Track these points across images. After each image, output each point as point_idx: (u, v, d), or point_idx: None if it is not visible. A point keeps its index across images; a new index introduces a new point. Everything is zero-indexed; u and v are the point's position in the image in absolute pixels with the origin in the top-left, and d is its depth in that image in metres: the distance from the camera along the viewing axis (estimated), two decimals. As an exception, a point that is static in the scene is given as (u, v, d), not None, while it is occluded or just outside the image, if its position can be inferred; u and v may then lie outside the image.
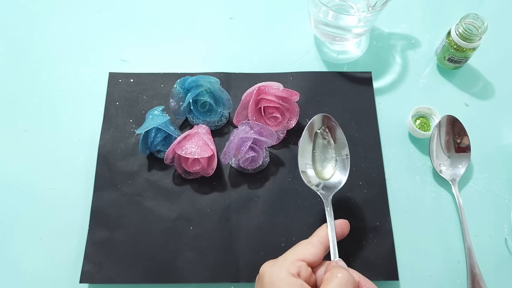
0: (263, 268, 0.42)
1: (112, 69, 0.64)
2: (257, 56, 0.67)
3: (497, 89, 0.64)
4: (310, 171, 0.51)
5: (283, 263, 0.41)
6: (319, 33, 0.67)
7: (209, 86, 0.57)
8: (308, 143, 0.52)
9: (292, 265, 0.41)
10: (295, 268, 0.41)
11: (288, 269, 0.40)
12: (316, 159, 0.52)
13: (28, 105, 0.63)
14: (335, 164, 0.52)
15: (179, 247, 0.54)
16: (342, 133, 0.52)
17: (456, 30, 0.59)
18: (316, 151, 0.52)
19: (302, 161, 0.51)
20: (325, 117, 0.52)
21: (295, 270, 0.40)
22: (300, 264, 0.41)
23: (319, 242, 0.44)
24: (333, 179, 0.51)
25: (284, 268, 0.41)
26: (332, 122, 0.52)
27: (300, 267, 0.41)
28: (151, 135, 0.56)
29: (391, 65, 0.66)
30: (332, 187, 0.50)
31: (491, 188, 0.58)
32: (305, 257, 0.42)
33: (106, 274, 0.52)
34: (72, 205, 0.57)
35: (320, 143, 0.52)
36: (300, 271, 0.41)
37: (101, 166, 0.58)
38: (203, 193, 0.56)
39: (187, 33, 0.69)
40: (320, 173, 0.52)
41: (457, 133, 0.58)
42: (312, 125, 0.52)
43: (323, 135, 0.52)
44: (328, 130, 0.52)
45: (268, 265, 0.42)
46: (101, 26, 0.69)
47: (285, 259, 0.42)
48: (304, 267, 0.41)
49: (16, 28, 0.69)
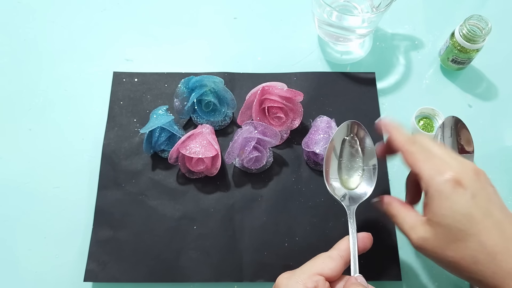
0: (279, 280, 0.41)
1: (116, 68, 0.64)
2: (260, 56, 0.67)
3: (500, 90, 0.64)
4: (335, 183, 0.49)
5: (300, 276, 0.40)
6: (322, 33, 0.67)
7: (213, 86, 0.57)
8: (335, 151, 0.49)
9: (309, 279, 0.39)
10: (312, 282, 0.39)
11: (305, 283, 0.39)
12: (343, 167, 0.50)
13: (32, 104, 0.63)
14: (362, 174, 0.49)
15: (183, 246, 0.54)
16: (371, 142, 0.49)
17: (460, 31, 0.59)
18: (343, 159, 0.50)
19: (328, 171, 0.49)
20: (354, 124, 0.50)
21: (312, 285, 0.39)
22: (317, 279, 0.40)
23: (339, 256, 0.42)
24: (359, 189, 0.48)
25: (301, 281, 0.39)
26: (362, 129, 0.49)
27: (317, 282, 0.39)
28: (155, 134, 0.56)
29: (395, 66, 0.66)
30: (357, 197, 0.48)
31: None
32: (323, 272, 0.40)
33: (110, 272, 0.52)
34: (76, 204, 0.57)
35: (348, 151, 0.50)
36: (317, 286, 0.39)
37: (105, 165, 0.58)
38: (207, 192, 0.57)
39: (191, 33, 0.69)
40: (345, 182, 0.49)
41: (460, 134, 0.59)
42: (339, 132, 0.50)
43: (351, 143, 0.50)
44: (357, 138, 0.50)
45: (285, 277, 0.41)
46: (106, 26, 0.69)
47: (302, 272, 0.40)
48: (321, 282, 0.39)
49: (20, 27, 0.69)
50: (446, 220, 0.37)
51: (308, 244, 0.54)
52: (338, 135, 0.50)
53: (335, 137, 0.50)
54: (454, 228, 0.37)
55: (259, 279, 0.52)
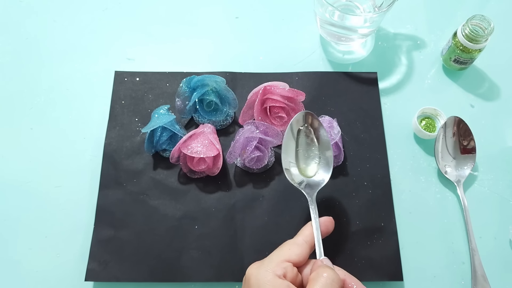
0: (249, 271, 0.42)
1: (118, 67, 0.64)
2: (262, 56, 0.67)
3: (503, 90, 0.64)
4: (293, 169, 0.51)
5: (269, 265, 0.41)
6: (324, 33, 0.67)
7: (215, 86, 0.57)
8: (291, 140, 0.51)
9: (277, 266, 0.41)
10: (281, 269, 0.41)
11: (274, 271, 0.40)
12: (300, 156, 0.52)
13: (33, 103, 0.63)
14: (319, 162, 0.51)
15: (184, 246, 0.54)
16: (325, 132, 0.51)
17: (462, 31, 0.59)
18: (299, 148, 0.52)
19: (286, 159, 0.51)
20: (308, 114, 0.51)
21: (281, 272, 0.40)
22: (285, 265, 0.41)
23: (304, 242, 0.44)
24: (317, 177, 0.51)
25: (270, 270, 0.40)
26: (316, 120, 0.51)
27: (285, 268, 0.41)
28: (157, 134, 0.56)
29: (397, 66, 0.66)
30: (316, 184, 0.50)
31: (496, 189, 0.58)
32: (290, 258, 0.42)
33: (111, 272, 0.52)
34: (78, 203, 0.57)
35: (304, 141, 0.52)
36: (286, 272, 0.41)
37: (106, 164, 0.58)
38: (208, 192, 0.56)
39: (193, 32, 0.69)
40: (303, 171, 0.51)
41: (462, 134, 0.58)
42: (295, 122, 0.51)
43: (306, 133, 0.52)
44: (311, 128, 0.52)
45: (254, 267, 0.42)
46: (107, 25, 0.69)
47: (270, 261, 0.42)
48: (290, 268, 0.41)
49: (22, 26, 0.69)
50: None
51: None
52: (293, 125, 0.51)
53: (291, 127, 0.51)
54: None
55: (261, 279, 0.52)
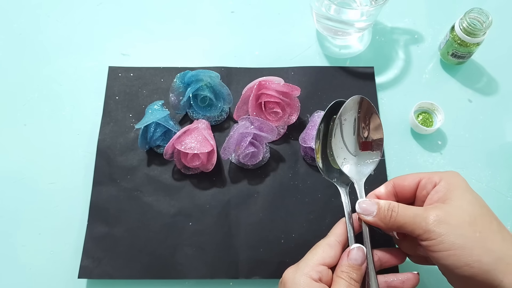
0: (286, 275, 0.42)
1: (112, 63, 0.64)
2: (258, 51, 0.66)
3: (501, 85, 0.63)
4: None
5: (305, 269, 0.41)
6: (321, 27, 0.66)
7: (209, 81, 0.57)
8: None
9: (313, 270, 0.41)
10: (316, 273, 0.41)
11: (310, 275, 0.40)
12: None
13: (27, 99, 0.62)
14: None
15: (178, 243, 0.53)
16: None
17: (460, 25, 0.58)
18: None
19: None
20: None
21: (316, 276, 0.40)
22: (321, 269, 0.41)
23: (337, 242, 0.43)
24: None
25: (305, 274, 0.41)
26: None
27: (321, 272, 0.41)
28: (151, 130, 0.55)
29: (394, 60, 0.65)
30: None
31: (494, 185, 0.57)
32: (324, 261, 0.42)
33: (105, 269, 0.52)
34: (71, 200, 0.56)
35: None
36: (321, 276, 0.41)
37: (100, 160, 0.57)
38: (202, 188, 0.56)
39: (188, 27, 0.68)
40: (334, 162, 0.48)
41: (368, 119, 0.49)
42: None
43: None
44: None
45: (290, 272, 0.42)
46: (101, 20, 0.68)
47: (305, 265, 0.42)
48: (325, 271, 0.41)
49: (15, 21, 0.68)
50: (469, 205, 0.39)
51: (304, 241, 0.53)
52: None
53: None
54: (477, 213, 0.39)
55: (255, 276, 0.52)
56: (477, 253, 0.37)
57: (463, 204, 0.38)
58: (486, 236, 0.37)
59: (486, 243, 0.37)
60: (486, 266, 0.36)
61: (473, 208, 0.38)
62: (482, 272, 0.37)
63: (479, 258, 0.37)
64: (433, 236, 0.38)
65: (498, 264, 0.36)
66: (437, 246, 0.38)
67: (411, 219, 0.39)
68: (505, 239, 0.38)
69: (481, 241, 0.37)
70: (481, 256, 0.37)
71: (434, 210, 0.39)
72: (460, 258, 0.37)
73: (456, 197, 0.39)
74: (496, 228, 0.38)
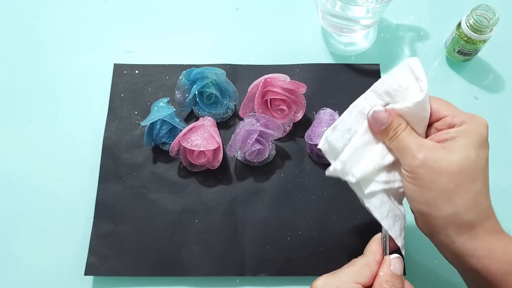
0: (317, 285, 0.40)
1: (117, 60, 0.63)
2: (263, 48, 0.66)
3: (507, 82, 0.63)
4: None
5: (337, 283, 0.39)
6: (326, 24, 0.66)
7: (215, 78, 0.57)
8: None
9: (346, 286, 0.39)
10: None
11: None
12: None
13: (32, 97, 0.62)
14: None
15: (184, 240, 0.53)
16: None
17: (466, 22, 0.58)
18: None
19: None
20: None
21: None
22: (355, 286, 0.39)
23: (376, 262, 0.41)
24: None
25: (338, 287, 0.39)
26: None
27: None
28: (156, 127, 0.55)
29: (400, 57, 0.65)
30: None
31: (500, 182, 0.57)
32: (361, 281, 0.40)
33: (111, 266, 0.52)
34: (77, 197, 0.56)
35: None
36: None
37: (106, 158, 0.57)
38: (208, 186, 0.56)
39: (193, 24, 0.68)
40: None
41: None
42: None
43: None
44: None
45: (321, 282, 0.40)
46: (106, 17, 0.68)
47: (340, 281, 0.40)
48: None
49: (21, 18, 0.68)
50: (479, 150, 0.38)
51: (310, 238, 0.53)
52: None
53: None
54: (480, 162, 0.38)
55: (261, 273, 0.52)
56: (437, 202, 0.37)
57: (459, 155, 0.37)
58: (458, 191, 0.37)
59: (453, 196, 0.37)
60: (440, 217, 0.37)
61: (466, 162, 0.37)
62: (436, 224, 0.38)
63: (436, 207, 0.37)
64: (410, 171, 0.38)
65: (451, 219, 0.37)
66: (412, 180, 0.38)
67: (402, 148, 0.39)
68: (476, 202, 0.37)
69: (449, 193, 0.37)
70: (438, 206, 0.37)
71: (425, 150, 0.38)
72: (422, 198, 0.38)
73: (457, 147, 0.38)
74: (477, 189, 0.37)
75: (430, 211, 0.38)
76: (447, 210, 0.37)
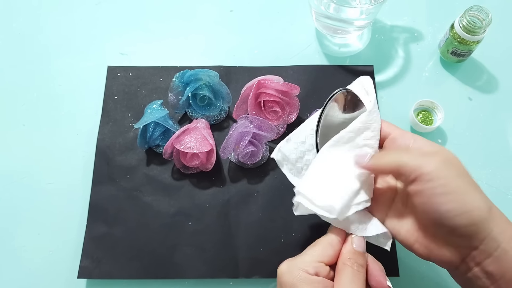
0: (282, 268, 0.41)
1: (110, 62, 0.63)
2: (257, 49, 0.66)
3: (501, 83, 0.63)
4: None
5: (301, 264, 0.40)
6: (320, 26, 0.66)
7: (208, 80, 0.57)
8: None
9: (309, 266, 0.40)
10: (313, 268, 0.40)
11: (306, 270, 0.39)
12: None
13: (26, 99, 0.62)
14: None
15: (178, 243, 0.53)
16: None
17: (460, 23, 0.58)
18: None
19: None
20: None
21: (313, 271, 0.39)
22: (318, 265, 0.40)
23: (339, 241, 0.42)
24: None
25: (302, 268, 0.40)
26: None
27: (317, 268, 0.40)
28: (150, 129, 0.55)
29: (394, 59, 0.65)
30: None
31: (494, 183, 0.57)
32: (323, 259, 0.41)
33: (104, 269, 0.52)
34: (71, 200, 0.56)
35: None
36: (318, 272, 0.40)
37: (99, 160, 0.57)
38: (202, 188, 0.56)
39: (187, 26, 0.68)
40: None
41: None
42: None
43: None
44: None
45: (285, 265, 0.41)
46: (100, 19, 0.68)
47: (303, 260, 0.40)
48: (322, 267, 0.40)
49: (14, 21, 0.68)
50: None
51: (304, 240, 0.53)
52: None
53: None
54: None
55: (255, 275, 0.52)
56: (476, 198, 0.36)
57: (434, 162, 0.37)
58: (476, 187, 0.37)
59: (479, 192, 0.37)
60: (483, 213, 0.36)
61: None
62: (478, 221, 0.36)
63: (478, 204, 0.36)
64: (435, 177, 0.36)
65: (490, 212, 0.36)
66: (437, 189, 0.36)
67: (416, 157, 0.38)
68: (482, 195, 0.38)
69: (475, 189, 0.37)
70: (479, 202, 0.36)
71: (438, 156, 0.38)
72: (460, 204, 0.36)
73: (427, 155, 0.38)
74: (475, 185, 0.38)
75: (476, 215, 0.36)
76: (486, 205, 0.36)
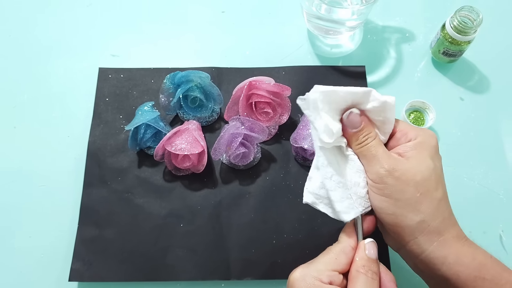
0: (295, 276, 0.40)
1: (102, 64, 0.63)
2: (249, 51, 0.66)
3: (492, 83, 0.63)
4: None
5: (314, 273, 0.40)
6: (312, 26, 0.66)
7: (199, 81, 0.56)
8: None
9: (323, 274, 0.39)
10: (327, 277, 0.39)
11: (320, 279, 0.39)
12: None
13: (17, 101, 0.62)
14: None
15: (170, 245, 0.53)
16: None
17: (450, 23, 0.58)
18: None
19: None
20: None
21: (327, 280, 0.39)
22: (332, 274, 0.40)
23: (351, 249, 0.41)
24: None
25: (315, 277, 0.39)
26: None
27: (332, 276, 0.39)
28: (141, 131, 0.55)
29: (385, 59, 0.65)
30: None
31: (486, 183, 0.57)
32: (338, 268, 0.40)
33: (96, 272, 0.52)
34: (62, 202, 0.56)
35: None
36: (332, 281, 0.39)
37: (90, 162, 0.57)
38: (193, 189, 0.56)
39: (179, 28, 0.68)
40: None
41: None
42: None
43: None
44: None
45: (299, 272, 0.40)
46: (91, 21, 0.68)
47: (316, 269, 0.40)
48: (336, 276, 0.40)
49: (4, 23, 0.68)
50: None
51: (296, 241, 0.53)
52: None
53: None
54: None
55: (247, 277, 0.52)
56: (406, 212, 0.39)
57: (420, 165, 0.40)
58: (423, 199, 0.39)
59: (420, 205, 0.39)
60: (410, 226, 0.39)
61: (427, 171, 0.40)
62: (406, 234, 0.40)
63: (405, 217, 0.39)
64: (378, 181, 0.40)
65: (420, 227, 0.39)
66: (380, 191, 0.40)
67: (371, 157, 0.41)
68: (440, 209, 0.40)
69: (416, 202, 0.39)
70: (407, 215, 0.39)
71: (393, 161, 0.40)
72: (391, 210, 0.39)
73: (417, 158, 0.40)
74: (439, 196, 0.40)
75: (400, 221, 0.39)
76: (415, 218, 0.39)
